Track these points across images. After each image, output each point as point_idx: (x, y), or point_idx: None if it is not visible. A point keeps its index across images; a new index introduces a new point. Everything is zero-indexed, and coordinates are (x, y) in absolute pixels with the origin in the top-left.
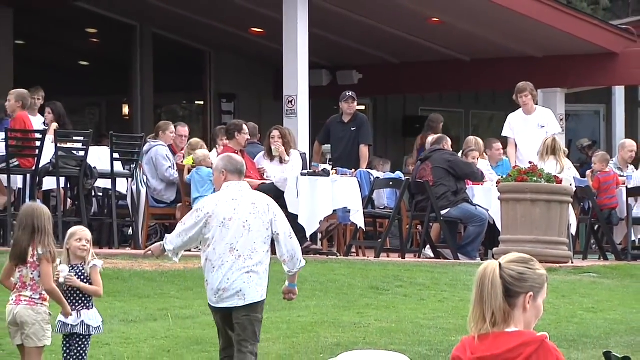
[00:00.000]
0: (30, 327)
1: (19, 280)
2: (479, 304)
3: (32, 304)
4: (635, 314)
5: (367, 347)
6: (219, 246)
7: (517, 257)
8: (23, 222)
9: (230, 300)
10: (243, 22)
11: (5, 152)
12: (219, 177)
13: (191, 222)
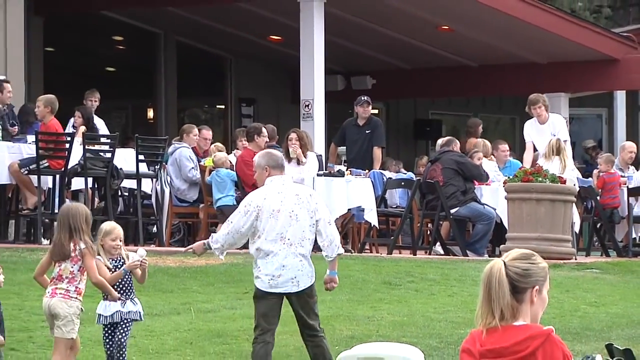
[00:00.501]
0: (62, 319)
1: (57, 274)
2: (487, 302)
3: (66, 297)
4: (635, 308)
5: (380, 340)
6: (270, 236)
7: (519, 253)
8: (61, 222)
9: (284, 285)
10: (262, 30)
11: (35, 154)
12: (262, 173)
13: (241, 218)
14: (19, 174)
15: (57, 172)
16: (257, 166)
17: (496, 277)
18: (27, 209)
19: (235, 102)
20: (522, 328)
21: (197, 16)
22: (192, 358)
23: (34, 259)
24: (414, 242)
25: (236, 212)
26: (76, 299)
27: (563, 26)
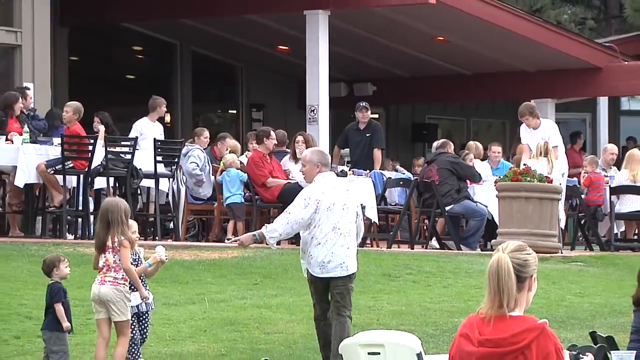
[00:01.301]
0: (115, 304)
1: (104, 264)
2: (496, 293)
3: (115, 284)
4: (617, 298)
5: (380, 328)
6: (325, 226)
7: (515, 246)
8: (100, 217)
9: (334, 270)
10: (271, 41)
11: (61, 156)
12: (313, 169)
13: (301, 210)
14: (46, 174)
15: (81, 172)
16: (308, 162)
17: (505, 270)
18: (53, 207)
19: (246, 107)
20: (519, 320)
21: (210, 28)
22: (206, 345)
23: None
24: (412, 237)
25: (295, 205)
26: (123, 285)
27: (550, 37)
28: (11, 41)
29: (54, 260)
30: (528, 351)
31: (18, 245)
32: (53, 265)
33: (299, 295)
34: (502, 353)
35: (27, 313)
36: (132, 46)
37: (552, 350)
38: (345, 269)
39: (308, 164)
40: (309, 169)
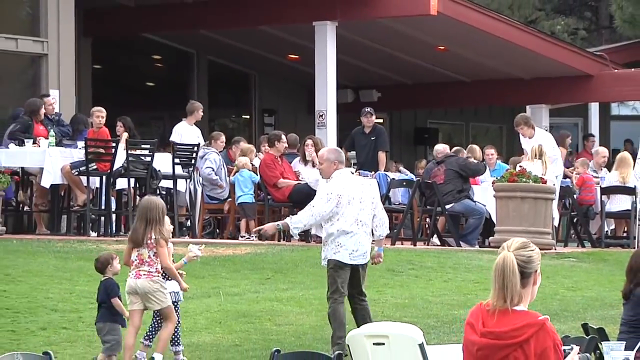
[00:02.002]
0: (154, 294)
1: (137, 259)
2: (501, 289)
3: (149, 276)
4: (608, 292)
5: (384, 320)
6: (348, 219)
7: (520, 243)
8: (140, 214)
9: (359, 258)
10: (282, 50)
11: (85, 158)
12: (331, 166)
13: (324, 204)
14: (71, 175)
15: (104, 173)
16: (326, 160)
17: (510, 268)
18: (77, 206)
19: (259, 112)
20: (521, 315)
21: (225, 38)
22: (221, 335)
23: (83, 249)
24: (414, 235)
25: (318, 199)
26: (157, 276)
27: (544, 46)
28: (38, 50)
29: (108, 258)
30: (526, 345)
31: (44, 242)
32: (108, 262)
33: (309, 289)
34: (502, 345)
35: (53, 306)
36: (152, 55)
37: (550, 345)
38: (366, 258)
39: (326, 162)
40: (327, 166)
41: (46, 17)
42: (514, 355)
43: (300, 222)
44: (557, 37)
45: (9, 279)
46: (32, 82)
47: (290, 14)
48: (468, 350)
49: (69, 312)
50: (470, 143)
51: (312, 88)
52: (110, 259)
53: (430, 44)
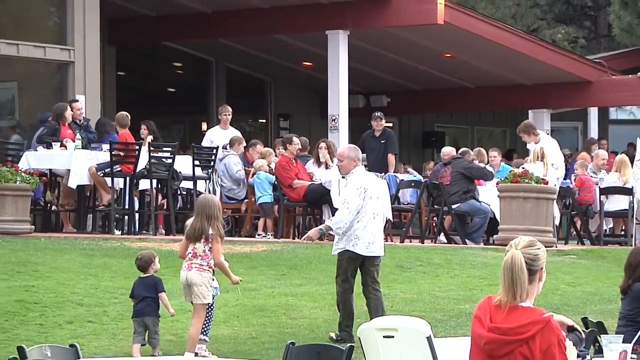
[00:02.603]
0: (198, 288)
1: (192, 252)
2: (510, 286)
3: (200, 269)
4: (606, 287)
5: (394, 314)
6: (368, 212)
7: (527, 242)
8: (199, 211)
9: (375, 250)
10: (296, 58)
11: (109, 160)
12: (351, 163)
13: (357, 199)
14: (96, 176)
15: (128, 174)
16: (346, 158)
17: (518, 266)
18: (102, 205)
19: (274, 117)
20: (528, 312)
21: (243, 46)
22: (239, 329)
23: (107, 247)
24: (422, 233)
25: (350, 196)
26: (208, 271)
27: (546, 54)
28: (65, 58)
29: (151, 257)
30: (532, 342)
31: (71, 240)
32: (151, 261)
33: (322, 284)
34: (508, 341)
35: (79, 300)
36: (173, 62)
37: (554, 342)
38: (382, 249)
39: (346, 159)
40: (347, 163)
41: (73, 27)
42: (520, 351)
43: (341, 222)
44: (557, 45)
45: (37, 275)
46: (59, 88)
47: (304, 23)
48: (476, 343)
49: (94, 306)
50: (475, 146)
51: (325, 94)
52: (152, 257)
53: (437, 51)
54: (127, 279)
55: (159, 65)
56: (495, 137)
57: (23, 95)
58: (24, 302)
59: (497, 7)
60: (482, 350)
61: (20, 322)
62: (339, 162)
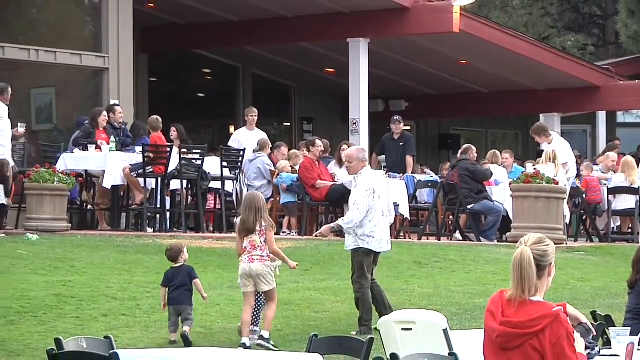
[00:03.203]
0: (264, 277)
1: (250, 245)
2: (520, 281)
3: (262, 260)
4: (614, 282)
5: (412, 307)
6: (378, 211)
7: (536, 239)
8: (248, 206)
9: (385, 246)
10: (319, 64)
11: (142, 161)
12: (359, 164)
13: (366, 199)
14: (130, 177)
15: (159, 175)
16: (356, 158)
17: (527, 261)
18: (135, 204)
19: (298, 120)
20: (538, 306)
21: (268, 53)
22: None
23: (140, 244)
24: (439, 231)
25: (360, 197)
26: (268, 261)
27: (556, 60)
28: (100, 65)
29: (180, 247)
30: (542, 335)
31: (105, 237)
32: (180, 251)
33: (343, 279)
34: (520, 334)
35: (113, 295)
36: (202, 69)
37: (563, 335)
38: (389, 245)
39: (355, 160)
40: (356, 164)
41: (107, 35)
42: (530, 344)
43: (351, 222)
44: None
45: (74, 270)
46: (95, 93)
47: (327, 31)
48: (489, 336)
49: (128, 300)
50: (489, 148)
51: (346, 98)
52: (181, 248)
53: (453, 58)
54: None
55: (188, 72)
56: (508, 140)
57: (60, 100)
58: (61, 296)
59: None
60: (495, 343)
61: (58, 315)
62: (347, 163)
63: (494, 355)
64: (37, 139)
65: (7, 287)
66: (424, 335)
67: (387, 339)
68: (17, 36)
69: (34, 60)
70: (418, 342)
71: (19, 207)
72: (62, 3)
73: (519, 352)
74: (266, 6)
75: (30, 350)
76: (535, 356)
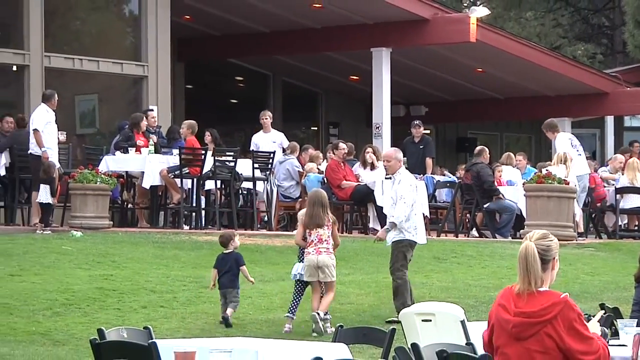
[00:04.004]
0: (330, 268)
1: (316, 238)
2: (525, 274)
3: (328, 252)
4: (622, 277)
5: (431, 300)
6: (417, 206)
7: (540, 234)
8: (315, 201)
9: (424, 239)
10: (344, 72)
11: (179, 163)
12: (396, 164)
13: (412, 194)
14: (167, 178)
15: (195, 176)
16: (393, 158)
17: (532, 255)
18: (172, 203)
19: (325, 125)
20: (547, 295)
21: (297, 62)
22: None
23: (177, 240)
24: (456, 228)
25: (406, 192)
26: (332, 253)
27: (567, 68)
28: (140, 73)
29: (231, 235)
30: (555, 321)
31: (145, 234)
32: (230, 238)
33: (367, 274)
34: (534, 323)
35: (152, 287)
36: (235, 77)
37: (574, 317)
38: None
39: (393, 160)
40: (394, 163)
41: (147, 45)
42: (545, 331)
43: (401, 216)
44: (578, 60)
45: (115, 265)
46: (134, 100)
47: (351, 41)
48: (502, 328)
49: (165, 293)
50: (504, 151)
51: (369, 104)
52: (232, 235)
53: (470, 66)
54: (195, 269)
55: (222, 79)
56: (521, 143)
57: (103, 106)
58: (103, 289)
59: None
60: (510, 334)
61: (100, 307)
62: (386, 162)
63: (509, 346)
64: (80, 142)
65: (52, 281)
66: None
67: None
68: (63, 46)
69: (78, 69)
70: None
71: (64, 206)
72: (104, 15)
73: (534, 340)
74: (295, 18)
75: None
76: (550, 342)
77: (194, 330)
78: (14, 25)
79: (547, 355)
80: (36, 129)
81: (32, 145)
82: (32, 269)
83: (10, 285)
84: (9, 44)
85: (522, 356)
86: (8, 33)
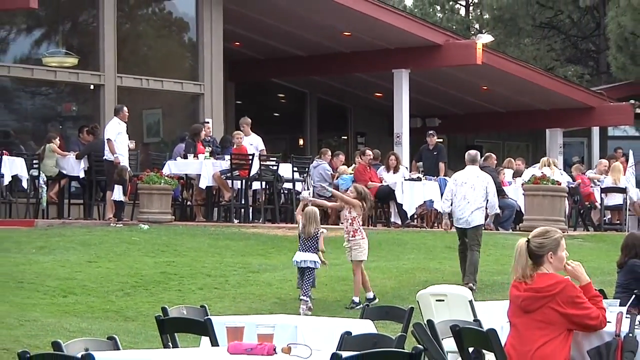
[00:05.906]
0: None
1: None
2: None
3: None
4: (606, 263)
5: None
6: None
7: (538, 231)
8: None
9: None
10: (370, 90)
11: (230, 167)
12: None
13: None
14: (220, 179)
15: (243, 178)
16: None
17: (519, 251)
18: (224, 201)
19: (353, 134)
20: (551, 275)
21: (330, 81)
22: (327, 293)
23: (228, 232)
24: None
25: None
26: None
27: (559, 86)
28: (197, 91)
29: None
30: (559, 296)
31: (201, 227)
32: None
33: (389, 261)
34: (540, 297)
35: (207, 272)
36: (277, 94)
37: (577, 294)
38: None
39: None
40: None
41: (203, 67)
42: (549, 306)
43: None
44: (568, 79)
45: (176, 253)
46: (192, 113)
47: (376, 64)
48: (514, 303)
49: (219, 277)
50: (506, 156)
51: (391, 116)
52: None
53: (477, 84)
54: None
55: (266, 96)
56: (520, 149)
57: (166, 119)
58: (166, 273)
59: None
60: (519, 307)
61: (164, 289)
62: None
63: (517, 317)
64: (147, 149)
65: (123, 267)
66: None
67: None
68: (133, 68)
69: (145, 87)
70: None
71: (134, 203)
72: (167, 42)
73: (539, 313)
74: (328, 44)
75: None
76: (553, 315)
77: (243, 308)
78: (91, 51)
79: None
80: (109, 138)
81: (106, 152)
82: (106, 256)
83: (88, 270)
84: (87, 67)
85: (527, 325)
86: (87, 57)
